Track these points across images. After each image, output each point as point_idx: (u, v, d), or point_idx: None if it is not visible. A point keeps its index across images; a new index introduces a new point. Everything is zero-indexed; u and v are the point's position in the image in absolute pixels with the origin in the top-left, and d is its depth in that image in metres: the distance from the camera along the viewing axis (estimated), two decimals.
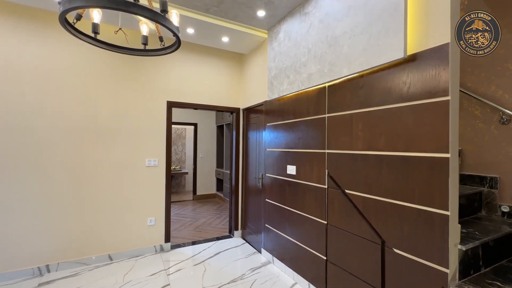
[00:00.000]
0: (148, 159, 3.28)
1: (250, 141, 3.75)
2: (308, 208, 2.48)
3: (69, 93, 2.86)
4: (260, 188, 3.36)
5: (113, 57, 3.07)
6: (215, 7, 2.65)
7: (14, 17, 2.62)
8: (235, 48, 3.66)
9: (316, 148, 2.38)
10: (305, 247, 2.51)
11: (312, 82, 2.43)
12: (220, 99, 3.82)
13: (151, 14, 1.25)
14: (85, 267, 2.89)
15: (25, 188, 2.66)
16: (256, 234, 3.49)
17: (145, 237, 3.26)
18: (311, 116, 2.45)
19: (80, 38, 1.48)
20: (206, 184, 6.74)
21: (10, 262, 2.60)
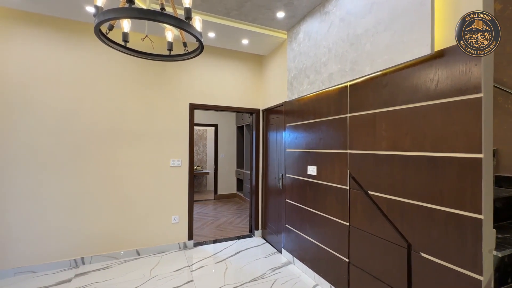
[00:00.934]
0: (172, 160, 3.42)
1: (270, 141, 3.77)
2: (329, 209, 2.45)
3: (100, 98, 3.06)
4: (280, 189, 3.36)
5: (139, 63, 3.24)
6: (236, 10, 2.71)
7: (52, 29, 2.86)
8: (254, 50, 3.70)
9: (337, 149, 2.35)
10: (326, 249, 2.48)
11: (333, 82, 2.40)
12: (240, 100, 3.88)
13: (177, 21, 1.31)
14: (115, 261, 3.07)
15: (63, 186, 2.89)
16: (277, 234, 3.50)
17: (169, 234, 3.40)
18: (332, 116, 2.42)
19: (112, 47, 1.59)
20: (226, 184, 6.86)
21: (50, 254, 2.84)
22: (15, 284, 2.54)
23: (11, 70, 2.70)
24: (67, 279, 2.66)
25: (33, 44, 2.78)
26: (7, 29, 2.68)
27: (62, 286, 2.52)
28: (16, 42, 2.71)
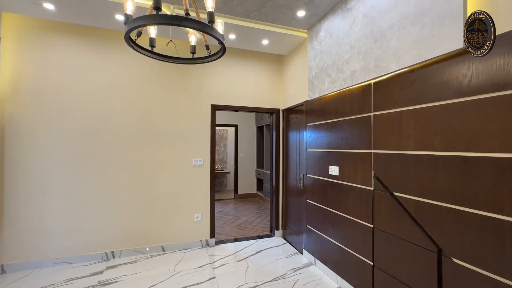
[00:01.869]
0: (194, 159, 3.52)
1: (290, 141, 3.75)
2: (352, 210, 2.39)
3: (129, 101, 3.23)
4: (301, 189, 3.33)
5: (164, 67, 3.37)
6: (256, 11, 2.73)
7: (86, 38, 3.06)
8: (274, 49, 3.70)
9: (360, 148, 2.29)
10: (349, 251, 2.42)
11: (355, 80, 2.34)
12: (260, 100, 3.90)
13: (201, 25, 1.36)
14: (142, 255, 3.22)
15: (95, 185, 3.09)
16: (297, 235, 3.47)
17: (192, 232, 3.51)
18: (355, 115, 2.36)
19: (140, 52, 1.68)
20: (246, 183, 6.92)
21: (84, 247, 3.04)
22: (55, 274, 2.76)
23: (51, 77, 2.93)
24: (99, 271, 2.84)
25: (69, 52, 3.00)
26: (47, 39, 2.92)
27: (95, 277, 2.69)
28: (54, 51, 2.94)
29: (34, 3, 2.52)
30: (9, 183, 2.78)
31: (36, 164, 2.87)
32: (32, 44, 2.87)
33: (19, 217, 2.81)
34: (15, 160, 2.80)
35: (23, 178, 2.83)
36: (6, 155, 2.77)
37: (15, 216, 2.80)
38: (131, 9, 1.46)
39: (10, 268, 2.77)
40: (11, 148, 2.79)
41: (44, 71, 2.91)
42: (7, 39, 2.77)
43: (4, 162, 2.76)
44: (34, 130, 2.87)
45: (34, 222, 2.86)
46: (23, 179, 2.83)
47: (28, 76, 2.85)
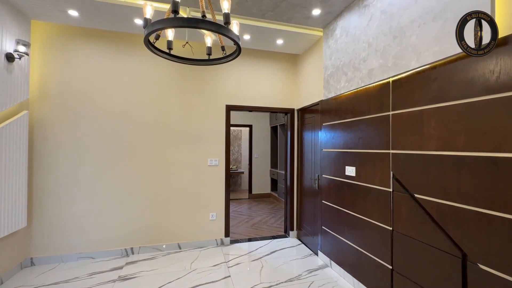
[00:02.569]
0: (210, 159, 3.57)
1: (305, 141, 3.72)
2: (369, 212, 2.33)
3: (146, 102, 3.33)
4: (316, 189, 3.29)
5: (180, 68, 3.45)
6: (271, 11, 2.73)
7: (106, 42, 3.19)
8: (289, 49, 3.68)
9: (378, 148, 2.23)
10: (367, 253, 2.36)
11: (373, 78, 2.28)
12: (274, 100, 3.89)
13: (217, 27, 1.38)
14: (159, 252, 3.31)
15: (115, 183, 3.21)
16: (312, 236, 3.43)
17: (207, 231, 3.56)
18: (373, 114, 2.30)
19: (158, 55, 1.73)
20: (261, 183, 6.93)
21: (105, 243, 3.17)
22: (78, 268, 2.89)
23: (75, 80, 3.08)
24: (119, 266, 2.94)
25: (91, 56, 3.14)
26: (71, 44, 3.07)
27: (115, 272, 2.80)
28: (77, 55, 3.09)
29: (60, 10, 2.66)
30: (38, 181, 2.95)
31: (61, 163, 3.03)
32: (58, 49, 3.03)
33: (46, 213, 2.98)
34: (43, 159, 2.97)
35: (50, 176, 2.99)
36: (35, 155, 2.94)
37: (43, 212, 2.97)
38: (150, 13, 1.51)
39: (39, 261, 2.94)
40: (40, 148, 2.96)
41: (68, 75, 3.06)
42: (36, 45, 2.94)
43: (33, 162, 2.93)
44: (60, 131, 3.03)
45: (60, 218, 3.02)
46: (50, 178, 2.99)
47: (54, 79, 3.01)
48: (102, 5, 2.55)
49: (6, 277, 2.60)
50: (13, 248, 2.71)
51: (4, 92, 2.45)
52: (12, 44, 2.55)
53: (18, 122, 2.61)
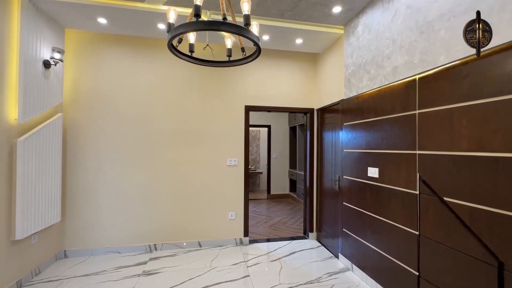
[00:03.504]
0: (229, 159, 3.62)
1: (325, 141, 3.65)
2: (394, 215, 2.24)
3: (169, 103, 3.45)
4: (337, 191, 3.22)
5: (200, 70, 3.53)
6: (290, 11, 2.71)
7: (130, 46, 3.34)
8: (308, 48, 3.64)
9: (403, 149, 2.13)
10: (391, 258, 2.27)
11: (398, 76, 2.19)
12: (293, 100, 3.86)
13: (237, 29, 1.40)
14: (180, 249, 3.41)
15: (139, 181, 3.35)
16: (333, 238, 3.36)
17: (227, 230, 3.61)
18: (397, 113, 2.21)
19: (181, 58, 1.79)
20: (279, 184, 6.90)
21: (131, 239, 3.32)
22: (106, 261, 3.05)
23: (103, 84, 3.26)
24: (143, 261, 3.07)
25: (117, 60, 3.30)
26: (99, 50, 3.25)
27: (140, 267, 2.92)
28: (105, 60, 3.27)
29: (90, 18, 2.83)
30: (70, 180, 3.16)
31: (90, 162, 3.22)
32: (88, 55, 3.22)
33: (78, 209, 3.18)
34: (74, 159, 3.17)
35: (80, 174, 3.19)
36: (68, 155, 3.15)
37: (75, 209, 3.17)
38: (173, 18, 1.56)
39: (71, 253, 3.15)
40: (72, 149, 3.17)
41: (97, 79, 3.24)
42: (69, 52, 3.15)
43: (66, 161, 3.14)
44: (90, 132, 3.22)
45: (90, 215, 3.21)
46: (80, 176, 3.19)
47: (84, 84, 3.21)
48: (128, 12, 2.68)
49: (43, 268, 2.81)
50: (49, 241, 2.92)
51: (42, 97, 2.66)
52: (49, 52, 2.75)
53: (53, 124, 2.81)
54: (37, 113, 2.60)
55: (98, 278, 2.67)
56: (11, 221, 2.36)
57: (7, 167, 2.33)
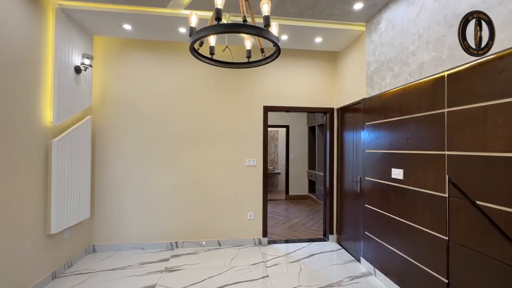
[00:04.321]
0: (248, 160, 3.64)
1: (346, 141, 3.56)
2: (420, 218, 2.14)
3: (189, 105, 3.54)
4: (358, 192, 3.13)
5: (219, 72, 3.59)
6: (309, 9, 2.68)
7: (152, 50, 3.47)
8: (328, 46, 3.57)
9: (431, 149, 2.03)
10: (417, 264, 2.17)
11: (424, 73, 2.09)
12: (313, 100, 3.81)
13: (257, 30, 1.41)
14: (200, 248, 3.48)
15: (161, 181, 3.47)
16: (354, 241, 3.27)
17: (245, 230, 3.63)
18: (424, 112, 2.11)
19: (203, 61, 1.83)
20: (298, 185, 6.83)
21: (153, 236, 3.44)
22: (131, 257, 3.19)
23: (127, 87, 3.41)
24: (165, 258, 3.17)
25: (140, 64, 3.44)
26: (124, 55, 3.41)
27: (162, 264, 3.02)
28: (129, 64, 3.42)
29: (117, 25, 2.97)
30: (98, 178, 3.34)
31: (117, 162, 3.38)
32: (114, 60, 3.39)
33: (105, 206, 3.35)
34: (102, 159, 3.35)
35: (107, 173, 3.36)
36: (96, 155, 3.34)
37: (102, 206, 3.35)
38: (195, 22, 1.60)
39: (99, 248, 3.32)
40: (100, 149, 3.35)
41: (122, 83, 3.40)
42: (98, 58, 3.33)
43: (95, 161, 3.33)
44: (116, 134, 3.38)
45: (116, 212, 3.37)
46: (108, 175, 3.36)
47: (111, 87, 3.38)
48: (151, 17, 2.79)
49: (75, 261, 3.00)
50: (80, 236, 3.10)
51: (73, 100, 2.83)
52: (79, 58, 2.93)
53: (83, 126, 2.99)
54: (69, 115, 2.77)
55: (124, 273, 2.80)
56: (46, 216, 2.54)
57: (43, 166, 2.51)
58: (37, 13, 2.42)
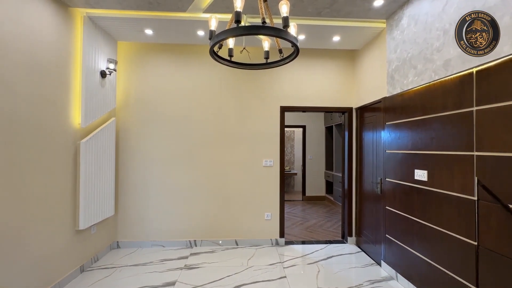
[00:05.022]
0: (264, 160, 3.65)
1: (365, 142, 3.47)
2: (446, 222, 2.04)
3: (206, 106, 3.61)
4: (379, 194, 3.04)
5: (236, 73, 3.63)
6: (327, 8, 2.65)
7: (171, 54, 3.57)
8: (346, 45, 3.50)
9: (458, 150, 1.94)
10: (442, 269, 2.08)
11: (450, 70, 2.00)
12: (330, 100, 3.75)
13: (276, 32, 1.41)
14: (218, 247, 3.53)
15: (180, 180, 3.56)
16: (374, 244, 3.18)
17: (263, 230, 3.64)
18: (450, 111, 2.02)
19: (222, 63, 1.87)
20: (315, 185, 6.74)
21: (173, 234, 3.54)
22: (152, 253, 3.30)
23: (148, 89, 3.54)
24: (185, 256, 3.25)
25: (160, 67, 3.56)
26: (145, 58, 3.54)
27: (182, 261, 3.10)
28: (149, 67, 3.55)
29: (139, 30, 3.09)
30: (122, 177, 3.49)
31: (138, 162, 3.51)
32: (135, 64, 3.52)
33: (128, 204, 3.50)
34: (125, 159, 3.50)
35: (130, 174, 3.50)
36: (120, 155, 3.49)
37: (126, 204, 3.49)
38: (215, 25, 1.64)
39: (123, 244, 3.47)
40: (123, 149, 3.50)
41: (143, 85, 3.53)
42: (121, 62, 3.48)
43: (118, 161, 3.48)
44: (138, 135, 3.52)
45: (138, 210, 3.51)
46: (131, 175, 3.50)
47: (133, 90, 3.52)
48: (172, 21, 2.87)
49: (100, 256, 3.15)
50: (105, 232, 3.26)
51: (99, 103, 2.98)
52: (104, 63, 3.07)
53: (108, 128, 3.13)
54: (95, 118, 2.92)
55: (146, 269, 2.91)
56: (75, 213, 2.69)
57: (72, 166, 2.66)
58: (67, 22, 2.57)
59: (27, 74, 2.12)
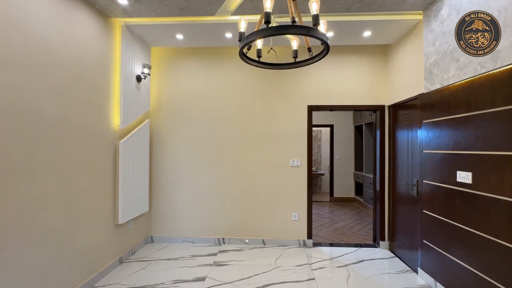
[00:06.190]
0: (292, 160, 3.63)
1: (399, 141, 3.29)
2: (495, 229, 1.86)
3: (234, 106, 3.67)
4: (415, 197, 2.86)
5: (263, 73, 3.64)
6: (358, 3, 2.55)
7: (201, 56, 3.68)
8: (378, 40, 3.35)
9: (509, 150, 1.76)
10: (491, 281, 1.90)
11: (500, 62, 1.82)
12: (360, 97, 3.61)
13: (306, 30, 1.40)
14: (245, 245, 3.58)
15: (209, 179, 3.67)
16: (410, 250, 3.00)
17: (290, 230, 3.62)
18: (499, 107, 1.83)
19: (251, 64, 1.89)
20: (343, 187, 6.53)
21: (202, 231, 3.66)
22: (183, 249, 3.45)
23: (179, 92, 3.69)
24: (213, 252, 3.35)
25: (189, 70, 3.69)
26: (175, 62, 3.70)
27: (211, 258, 3.20)
28: (180, 71, 3.70)
29: (171, 36, 3.24)
30: (155, 176, 3.69)
31: (170, 161, 3.68)
32: (167, 68, 3.70)
33: (161, 201, 3.69)
34: (158, 158, 3.69)
35: (163, 172, 3.69)
36: (154, 155, 3.69)
37: (159, 201, 3.69)
38: (244, 27, 1.66)
39: (156, 239, 3.67)
40: (156, 150, 3.69)
41: (174, 88, 3.69)
42: (154, 67, 3.68)
43: (152, 160, 3.68)
44: (169, 136, 3.69)
45: (170, 206, 3.68)
46: (163, 173, 3.69)
47: (165, 93, 3.70)
48: (201, 25, 2.97)
49: (137, 249, 3.36)
50: (140, 227, 3.47)
51: (135, 106, 3.18)
52: (140, 68, 3.27)
53: (143, 129, 3.33)
54: (132, 120, 3.12)
55: (177, 263, 3.04)
56: (115, 208, 2.90)
57: (112, 164, 2.87)
58: (108, 31, 2.78)
59: (75, 81, 2.33)
